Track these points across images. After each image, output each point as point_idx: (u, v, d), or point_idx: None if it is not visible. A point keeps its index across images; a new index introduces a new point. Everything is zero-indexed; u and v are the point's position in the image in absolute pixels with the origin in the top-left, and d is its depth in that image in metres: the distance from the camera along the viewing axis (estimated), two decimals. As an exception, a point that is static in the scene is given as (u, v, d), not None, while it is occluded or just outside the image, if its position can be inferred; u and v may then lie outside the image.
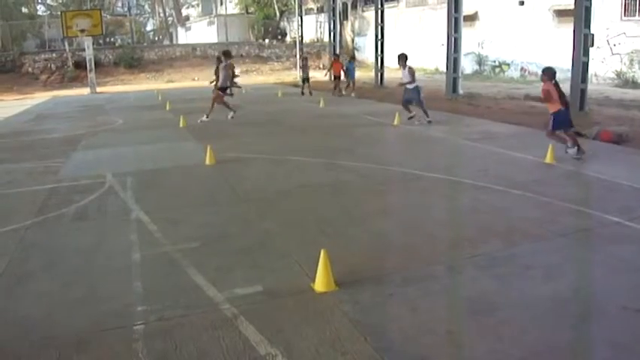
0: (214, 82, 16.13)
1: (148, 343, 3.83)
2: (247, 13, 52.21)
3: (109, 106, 21.61)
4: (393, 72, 29.96)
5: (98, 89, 30.07)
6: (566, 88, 16.98)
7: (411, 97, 13.81)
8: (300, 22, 36.16)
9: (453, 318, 4.10)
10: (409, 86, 13.78)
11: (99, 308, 4.39)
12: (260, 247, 5.69)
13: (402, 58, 13.97)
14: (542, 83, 9.45)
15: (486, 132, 12.27)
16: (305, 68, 24.28)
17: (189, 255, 5.43)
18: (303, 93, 23.27)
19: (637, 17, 22.44)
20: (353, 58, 23.30)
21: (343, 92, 22.47)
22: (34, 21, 45.97)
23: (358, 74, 22.67)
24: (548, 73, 9.47)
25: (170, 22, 61.89)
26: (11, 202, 7.91)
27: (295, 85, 28.22)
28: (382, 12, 25.65)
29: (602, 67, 23.02)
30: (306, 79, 23.51)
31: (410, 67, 13.79)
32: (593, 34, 15.14)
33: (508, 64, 28.35)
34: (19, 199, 7.95)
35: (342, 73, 22.88)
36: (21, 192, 8.34)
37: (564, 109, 9.18)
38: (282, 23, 50.66)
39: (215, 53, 32.60)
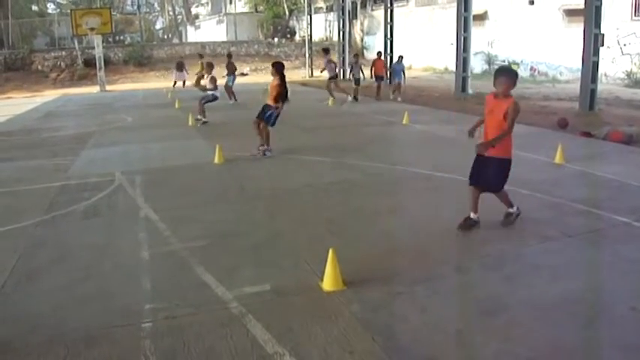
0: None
1: (156, 341, 3.84)
2: (256, 11, 52.26)
3: (119, 104, 21.67)
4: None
5: (108, 87, 30.15)
6: (575, 87, 16.98)
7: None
8: (309, 21, 36.19)
9: (461, 318, 4.09)
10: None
11: (107, 305, 4.41)
12: (268, 245, 5.69)
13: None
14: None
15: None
16: (356, 68, 20.03)
17: (198, 253, 5.44)
18: (356, 99, 19.56)
19: (647, 17, 22.34)
20: (402, 57, 19.94)
21: (390, 96, 19.77)
22: (44, 19, 46.27)
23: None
24: None
25: (179, 21, 62.06)
26: (21, 199, 7.95)
27: (304, 84, 28.20)
28: (392, 11, 25.65)
29: (612, 67, 22.91)
30: (358, 80, 19.80)
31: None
32: (603, 34, 15.08)
33: (517, 64, 28.23)
34: (29, 197, 7.99)
35: (386, 74, 20.55)
36: (31, 189, 8.38)
37: None
38: (291, 22, 50.68)
39: (224, 52, 32.67)
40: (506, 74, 5.75)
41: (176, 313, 4.23)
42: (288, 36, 49.22)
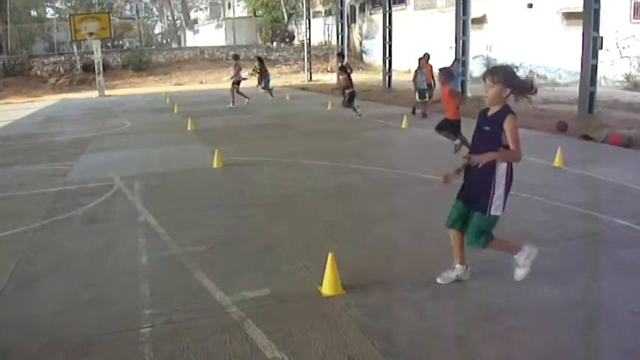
0: None
1: (155, 346, 3.83)
2: (255, 16, 52.38)
3: (118, 109, 21.69)
4: (401, 75, 29.96)
5: (106, 92, 30.18)
6: (575, 90, 16.99)
7: None
8: (308, 25, 36.22)
9: (461, 323, 4.08)
10: None
11: (106, 311, 4.39)
12: (268, 250, 5.68)
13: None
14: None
15: (494, 135, 12.21)
16: (425, 74, 16.22)
17: (197, 258, 5.43)
18: (425, 115, 15.49)
19: (646, 20, 22.39)
20: (458, 60, 17.53)
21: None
22: (43, 24, 46.29)
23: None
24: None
25: (178, 25, 62.12)
26: (20, 204, 7.93)
27: (303, 88, 28.19)
28: (390, 15, 25.66)
29: (611, 69, 22.94)
30: (425, 91, 15.99)
31: None
32: (602, 37, 15.09)
33: (517, 67, 28.20)
34: (28, 202, 7.98)
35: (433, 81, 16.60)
36: (30, 194, 8.37)
37: None
38: (290, 26, 50.77)
39: (223, 56, 32.77)
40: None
41: (175, 318, 4.22)
42: (287, 40, 49.32)
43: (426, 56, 17.11)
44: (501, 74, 4.18)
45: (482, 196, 4.28)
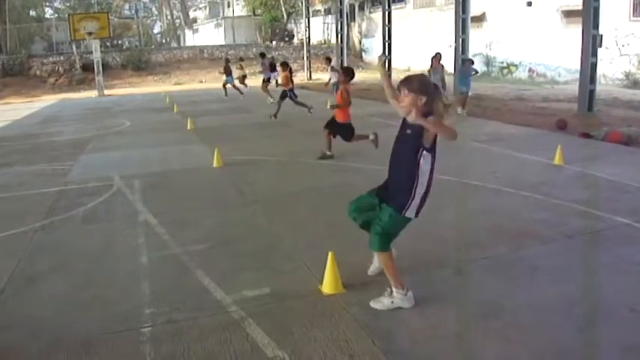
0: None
1: (155, 346, 3.83)
2: (254, 15, 52.33)
3: (117, 109, 21.70)
4: (401, 73, 29.96)
5: (106, 92, 30.18)
6: (574, 88, 16.99)
7: None
8: (307, 24, 36.23)
9: (461, 320, 4.08)
10: None
11: (107, 310, 4.40)
12: (268, 249, 5.69)
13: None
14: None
15: (495, 133, 12.24)
16: (440, 74, 15.59)
17: (197, 257, 5.43)
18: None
19: (645, 18, 22.38)
20: (471, 62, 16.70)
21: (459, 110, 15.35)
22: (42, 24, 46.32)
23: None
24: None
25: (177, 25, 62.12)
26: (20, 204, 7.93)
27: (302, 87, 28.17)
28: (390, 13, 25.64)
29: (611, 67, 22.93)
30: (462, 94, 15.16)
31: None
32: (601, 35, 15.08)
33: (516, 65, 28.30)
34: (28, 202, 7.98)
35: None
36: (30, 194, 8.37)
37: None
38: (289, 25, 50.76)
39: (222, 55, 32.80)
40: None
41: (176, 317, 4.22)
42: (287, 39, 49.30)
43: (438, 56, 16.62)
44: (415, 83, 4.08)
45: (403, 192, 4.24)
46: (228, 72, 23.80)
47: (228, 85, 23.65)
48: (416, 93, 4.02)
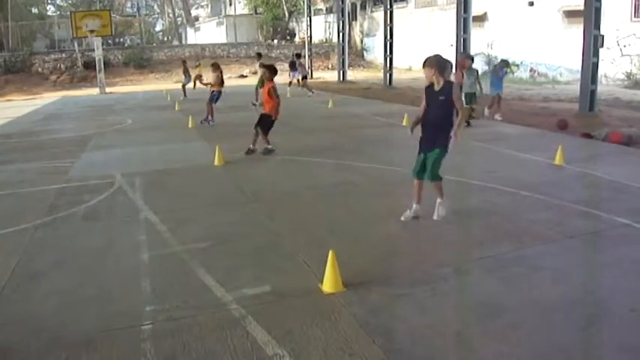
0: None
1: (156, 343, 3.84)
2: (256, 13, 52.31)
3: (118, 107, 21.70)
4: (402, 73, 29.98)
5: (107, 89, 30.18)
6: (576, 88, 16.97)
7: None
8: (308, 23, 36.20)
9: (461, 320, 4.09)
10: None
11: (108, 308, 4.41)
12: (268, 247, 5.69)
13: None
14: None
15: (496, 133, 12.24)
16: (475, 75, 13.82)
17: (198, 255, 5.44)
18: (469, 124, 12.70)
19: (647, 18, 22.36)
20: (507, 63, 15.79)
21: (486, 112, 14.73)
22: (44, 21, 46.38)
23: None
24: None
25: (179, 23, 62.12)
26: (22, 201, 7.95)
27: (303, 86, 28.13)
28: (391, 12, 25.63)
29: (612, 68, 22.92)
30: (473, 95, 13.52)
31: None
32: (602, 35, 15.08)
33: (517, 65, 28.24)
34: (29, 199, 8.00)
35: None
36: (31, 192, 8.38)
37: None
38: (290, 24, 50.71)
39: (224, 54, 32.82)
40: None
41: (176, 315, 4.23)
42: (288, 38, 49.26)
43: (466, 56, 15.12)
44: (433, 60, 6.07)
45: (445, 136, 6.10)
46: (186, 73, 24.94)
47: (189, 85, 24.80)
48: (432, 68, 6.01)
